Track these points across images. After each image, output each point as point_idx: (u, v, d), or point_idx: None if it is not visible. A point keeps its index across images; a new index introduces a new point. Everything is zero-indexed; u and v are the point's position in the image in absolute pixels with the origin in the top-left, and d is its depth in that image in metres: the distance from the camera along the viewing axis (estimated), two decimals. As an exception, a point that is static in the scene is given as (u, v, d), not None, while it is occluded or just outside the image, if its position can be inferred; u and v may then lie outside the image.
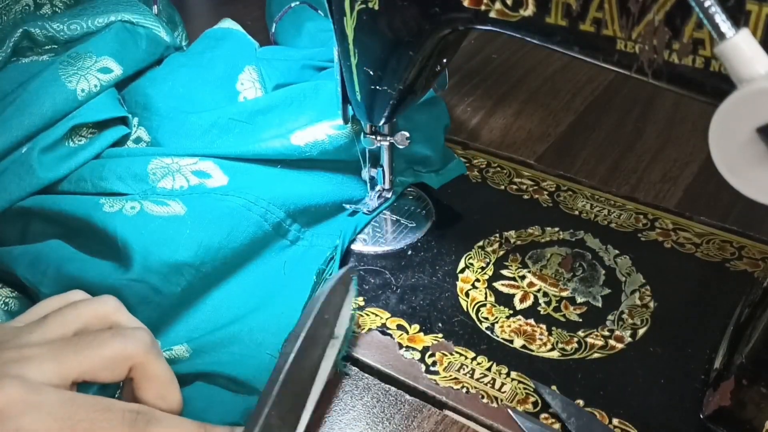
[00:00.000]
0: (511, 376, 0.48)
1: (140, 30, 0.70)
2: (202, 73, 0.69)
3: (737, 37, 0.33)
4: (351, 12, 0.49)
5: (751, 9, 0.35)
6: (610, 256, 0.57)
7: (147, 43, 0.69)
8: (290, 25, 0.78)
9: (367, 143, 0.59)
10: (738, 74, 0.33)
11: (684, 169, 0.66)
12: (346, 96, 0.57)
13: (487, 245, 0.59)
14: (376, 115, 0.56)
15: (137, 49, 0.68)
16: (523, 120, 0.73)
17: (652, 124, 0.72)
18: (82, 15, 0.68)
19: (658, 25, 0.38)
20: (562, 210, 0.62)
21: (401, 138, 0.58)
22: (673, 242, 0.58)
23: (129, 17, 0.69)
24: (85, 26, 0.67)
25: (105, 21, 0.68)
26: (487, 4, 0.43)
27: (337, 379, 0.49)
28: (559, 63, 0.82)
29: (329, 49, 0.63)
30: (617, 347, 0.50)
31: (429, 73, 0.54)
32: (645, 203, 0.62)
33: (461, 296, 0.54)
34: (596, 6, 0.39)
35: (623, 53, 0.40)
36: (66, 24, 0.67)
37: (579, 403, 0.46)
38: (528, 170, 0.67)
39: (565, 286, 0.55)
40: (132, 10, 0.71)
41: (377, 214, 0.62)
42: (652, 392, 0.46)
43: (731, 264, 0.56)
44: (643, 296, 0.54)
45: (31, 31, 0.65)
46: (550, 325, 0.52)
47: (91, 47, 0.65)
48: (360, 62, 0.52)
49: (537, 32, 0.43)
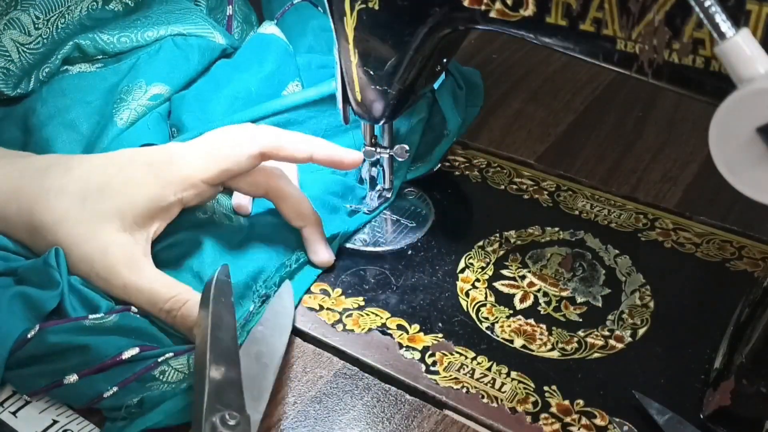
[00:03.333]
0: (511, 376, 0.48)
1: (192, 41, 0.69)
2: (247, 93, 0.68)
3: (737, 36, 0.33)
4: (351, 12, 0.49)
5: (751, 9, 0.35)
6: (610, 256, 0.57)
7: (199, 55, 0.69)
8: (294, 23, 0.78)
9: (366, 155, 0.59)
10: (738, 74, 0.33)
11: (684, 169, 0.66)
12: (346, 96, 0.57)
13: (487, 245, 0.59)
14: (377, 115, 0.56)
15: (187, 64, 0.69)
16: (523, 120, 0.73)
17: (652, 124, 0.72)
18: (132, 27, 0.68)
19: (658, 24, 0.38)
20: (562, 210, 0.62)
21: (401, 150, 0.59)
22: (673, 242, 0.58)
23: (180, 29, 0.69)
24: (134, 39, 0.67)
25: (155, 35, 0.68)
26: (487, 4, 0.43)
27: (336, 379, 0.49)
28: (559, 63, 0.81)
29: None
30: (617, 347, 0.50)
31: (429, 73, 0.54)
32: (645, 203, 0.62)
33: (461, 296, 0.54)
34: (596, 6, 0.40)
35: (623, 53, 0.40)
36: (116, 37, 0.67)
37: (579, 403, 0.46)
38: (528, 170, 0.67)
39: (565, 286, 0.55)
40: (184, 19, 0.70)
41: (377, 214, 0.62)
42: (652, 392, 0.46)
43: (731, 264, 0.56)
44: (643, 296, 0.54)
45: (81, 44, 0.65)
46: (550, 325, 0.52)
47: (141, 74, 0.65)
48: (360, 62, 0.52)
49: (537, 32, 0.43)
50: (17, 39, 0.62)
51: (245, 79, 0.68)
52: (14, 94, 0.64)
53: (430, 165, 0.66)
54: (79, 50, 0.66)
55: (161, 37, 0.69)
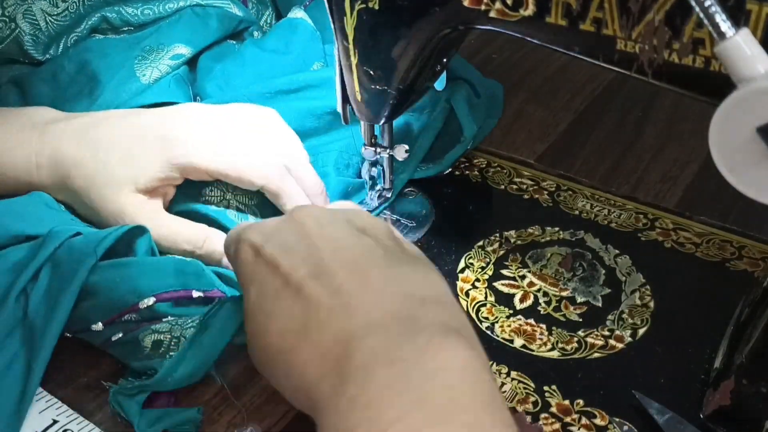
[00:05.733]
0: (511, 376, 0.48)
1: (210, 10, 0.73)
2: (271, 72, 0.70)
3: (737, 36, 0.33)
4: (351, 12, 0.49)
5: (751, 8, 0.35)
6: (610, 255, 0.57)
7: (217, 21, 0.73)
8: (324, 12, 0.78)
9: (367, 155, 0.59)
10: (738, 74, 0.33)
11: (684, 169, 0.66)
12: (346, 96, 0.57)
13: (487, 245, 0.59)
14: (377, 115, 0.56)
15: (207, 29, 0.72)
16: (523, 120, 0.73)
17: (652, 124, 0.72)
18: (155, 0, 0.72)
19: (658, 24, 0.38)
20: (562, 210, 0.62)
21: (400, 150, 0.59)
22: (673, 242, 0.58)
23: (198, 0, 0.73)
24: (156, 11, 0.71)
25: (175, 6, 0.72)
26: (487, 4, 0.43)
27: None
28: (559, 63, 0.82)
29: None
30: (617, 347, 0.50)
31: (429, 73, 0.54)
32: (645, 203, 0.62)
33: (461, 296, 0.54)
34: (596, 6, 0.40)
35: (623, 53, 0.40)
36: (140, 9, 0.71)
37: (579, 403, 0.46)
38: (528, 170, 0.67)
39: (565, 285, 0.55)
40: None
41: (377, 214, 0.62)
42: (652, 392, 0.46)
43: (731, 264, 0.56)
44: (643, 296, 0.54)
45: (108, 16, 0.69)
46: (550, 325, 0.52)
47: (163, 38, 0.69)
48: (360, 62, 0.52)
49: (537, 32, 0.43)
50: (46, 9, 0.66)
51: (270, 59, 0.71)
52: (43, 58, 0.67)
53: (440, 168, 0.66)
54: (106, 22, 0.70)
55: (181, 8, 0.72)
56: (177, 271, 0.50)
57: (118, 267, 0.49)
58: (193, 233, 0.55)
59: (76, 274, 0.47)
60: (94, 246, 0.48)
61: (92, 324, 0.48)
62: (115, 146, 0.55)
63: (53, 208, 0.55)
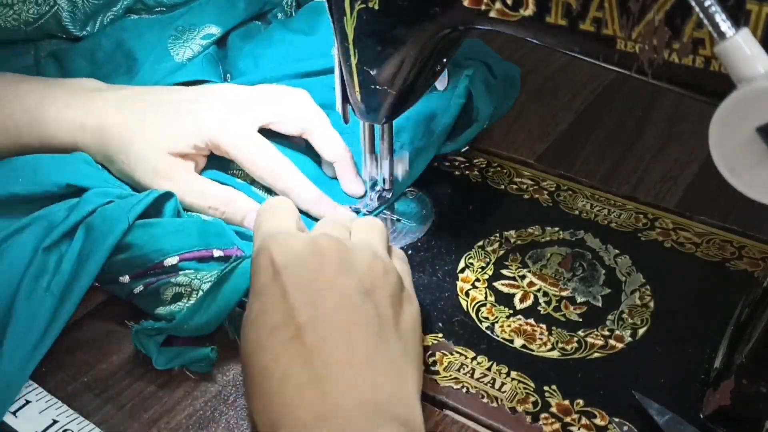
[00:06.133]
0: (511, 376, 0.48)
1: None
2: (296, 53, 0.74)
3: (737, 36, 0.33)
4: (351, 12, 0.49)
5: (751, 8, 0.35)
6: (610, 255, 0.57)
7: (245, 2, 0.77)
8: None
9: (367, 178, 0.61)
10: (738, 74, 0.33)
11: (684, 169, 0.66)
12: (346, 96, 0.57)
13: (487, 245, 0.59)
14: (377, 115, 0.56)
15: (235, 9, 0.76)
16: (523, 120, 0.73)
17: (652, 124, 0.72)
18: None
19: (658, 24, 0.38)
20: (562, 210, 0.62)
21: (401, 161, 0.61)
22: (673, 242, 0.58)
23: None
24: None
25: None
26: (487, 4, 0.43)
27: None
28: (559, 63, 0.82)
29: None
30: (617, 347, 0.50)
31: (429, 73, 0.54)
32: (645, 203, 0.62)
33: (461, 296, 0.54)
34: (596, 5, 0.40)
35: (623, 53, 0.40)
36: None
37: (579, 403, 0.46)
38: (528, 170, 0.67)
39: (565, 285, 0.55)
40: None
41: (377, 215, 0.62)
42: (652, 392, 0.46)
43: (731, 264, 0.56)
44: (643, 296, 0.54)
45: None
46: (550, 325, 0.52)
47: (194, 19, 0.74)
48: (360, 62, 0.52)
49: (537, 32, 0.43)
50: None
51: (296, 40, 0.75)
52: (81, 34, 0.71)
53: (456, 146, 0.68)
54: (140, 2, 0.74)
55: None
56: (200, 232, 0.53)
57: (146, 227, 0.52)
58: (220, 193, 0.59)
59: (108, 237, 0.51)
60: (126, 212, 0.52)
61: (120, 276, 0.52)
62: (154, 115, 0.60)
63: (92, 166, 0.59)
